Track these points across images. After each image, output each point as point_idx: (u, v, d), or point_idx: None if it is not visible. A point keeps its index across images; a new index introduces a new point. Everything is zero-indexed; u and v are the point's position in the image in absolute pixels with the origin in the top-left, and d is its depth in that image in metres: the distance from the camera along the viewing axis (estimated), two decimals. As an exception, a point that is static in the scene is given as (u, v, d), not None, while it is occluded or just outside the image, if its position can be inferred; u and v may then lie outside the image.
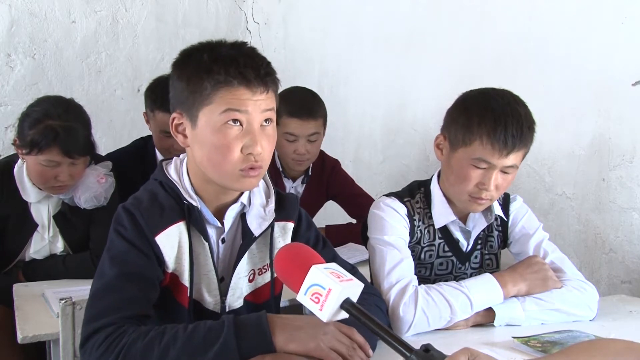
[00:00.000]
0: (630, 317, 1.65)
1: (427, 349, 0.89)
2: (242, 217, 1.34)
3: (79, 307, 1.38)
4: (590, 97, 2.72)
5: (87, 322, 1.18)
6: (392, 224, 1.62)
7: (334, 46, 3.58)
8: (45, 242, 2.22)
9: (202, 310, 1.33)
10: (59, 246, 2.24)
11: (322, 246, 1.44)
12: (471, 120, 1.53)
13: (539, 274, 1.58)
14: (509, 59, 2.96)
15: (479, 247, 1.72)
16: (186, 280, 1.29)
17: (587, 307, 1.57)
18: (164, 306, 1.29)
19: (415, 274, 1.57)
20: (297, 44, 3.56)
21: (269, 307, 1.39)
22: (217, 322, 1.16)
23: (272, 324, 1.16)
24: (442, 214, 1.66)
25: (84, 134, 2.11)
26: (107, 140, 2.99)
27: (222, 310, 1.35)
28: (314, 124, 2.46)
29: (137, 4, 3.16)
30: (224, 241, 1.35)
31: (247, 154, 1.22)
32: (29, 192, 2.15)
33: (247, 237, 1.33)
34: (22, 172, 2.15)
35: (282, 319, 1.19)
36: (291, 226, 1.40)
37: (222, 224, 1.32)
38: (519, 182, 2.89)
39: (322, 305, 0.96)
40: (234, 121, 1.21)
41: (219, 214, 1.33)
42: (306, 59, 3.57)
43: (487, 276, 1.55)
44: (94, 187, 2.17)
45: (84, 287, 1.65)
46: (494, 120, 1.50)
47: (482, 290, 1.51)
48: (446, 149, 1.61)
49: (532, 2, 2.91)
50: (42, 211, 2.20)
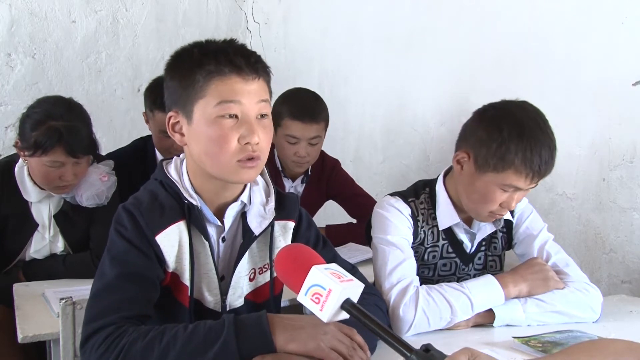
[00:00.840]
0: (630, 317, 1.65)
1: (427, 349, 0.89)
2: (243, 215, 1.34)
3: (79, 306, 1.38)
4: (590, 97, 2.72)
5: (88, 322, 1.18)
6: (395, 224, 1.62)
7: (334, 46, 3.58)
8: (45, 241, 2.22)
9: (203, 309, 1.33)
10: (60, 246, 2.24)
11: (322, 246, 1.44)
12: (507, 148, 1.48)
13: (539, 275, 1.57)
14: (509, 59, 2.95)
15: (482, 248, 1.72)
16: (187, 279, 1.29)
17: (590, 309, 1.56)
18: (164, 305, 1.29)
19: (418, 275, 1.57)
20: (297, 44, 3.56)
21: (269, 306, 1.39)
22: (217, 322, 1.16)
23: (273, 324, 1.15)
24: (446, 215, 1.66)
25: (87, 133, 2.11)
26: (107, 140, 2.98)
27: (223, 309, 1.34)
28: (315, 127, 2.45)
29: (137, 4, 3.16)
30: (224, 240, 1.35)
31: (245, 144, 1.22)
32: (30, 191, 2.16)
33: (248, 236, 1.33)
34: (22, 171, 2.15)
35: (282, 319, 1.19)
36: (292, 225, 1.40)
37: (222, 222, 1.32)
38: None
39: (323, 305, 0.96)
40: (230, 115, 1.22)
41: (219, 213, 1.33)
42: (306, 59, 3.57)
43: (488, 277, 1.55)
44: (96, 185, 2.17)
45: (84, 287, 1.65)
46: (531, 150, 1.47)
47: (483, 291, 1.51)
48: (470, 169, 1.57)
49: (532, 2, 2.91)
50: (42, 211, 2.20)
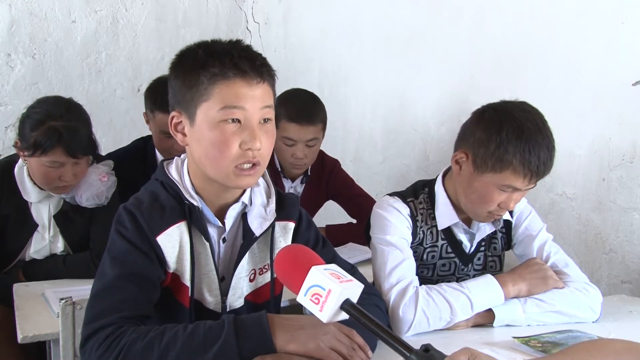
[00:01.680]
0: (630, 317, 1.66)
1: (427, 349, 0.89)
2: (243, 216, 1.34)
3: (79, 307, 1.38)
4: (590, 97, 2.72)
5: (88, 322, 1.18)
6: (394, 224, 1.62)
7: (334, 46, 3.58)
8: (45, 242, 2.22)
9: (203, 310, 1.33)
10: (59, 246, 2.24)
11: (322, 246, 1.44)
12: (505, 149, 1.49)
13: (538, 274, 1.58)
14: (509, 59, 2.95)
15: (482, 248, 1.72)
16: (187, 280, 1.29)
17: (590, 309, 1.56)
18: (165, 306, 1.29)
19: (417, 275, 1.57)
20: (297, 44, 3.56)
21: (270, 307, 1.39)
22: (217, 322, 1.16)
23: (272, 324, 1.16)
24: (445, 215, 1.66)
25: (86, 133, 2.11)
26: (107, 140, 2.98)
27: (223, 310, 1.35)
28: (313, 129, 2.44)
29: (137, 4, 3.16)
30: (224, 241, 1.35)
31: (246, 150, 1.22)
32: (30, 192, 2.16)
33: (248, 237, 1.33)
34: (22, 172, 2.15)
35: (282, 319, 1.19)
36: (292, 226, 1.40)
37: (223, 223, 1.32)
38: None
39: (322, 306, 0.96)
40: (232, 120, 1.21)
41: (220, 214, 1.33)
42: (306, 59, 3.57)
43: (488, 277, 1.55)
44: (96, 185, 2.17)
45: (84, 287, 1.66)
46: (529, 151, 1.47)
47: (482, 291, 1.51)
48: (468, 169, 1.57)
49: (532, 2, 2.91)
50: (42, 211, 2.20)
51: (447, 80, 3.23)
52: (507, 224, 1.72)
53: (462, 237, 1.69)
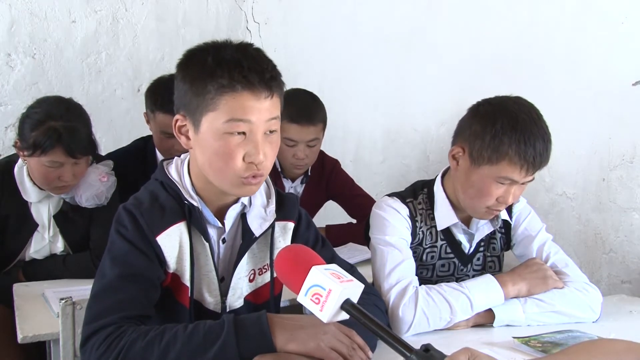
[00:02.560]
0: (630, 317, 1.66)
1: (427, 349, 0.89)
2: (243, 217, 1.34)
3: (79, 307, 1.38)
4: (590, 97, 2.72)
5: (88, 322, 1.18)
6: (393, 224, 1.62)
7: (334, 46, 3.58)
8: (45, 242, 2.22)
9: (203, 310, 1.33)
10: (59, 246, 2.24)
11: (321, 246, 1.44)
12: (500, 140, 1.49)
13: (538, 274, 1.58)
14: (509, 59, 2.96)
15: (481, 249, 1.72)
16: (187, 280, 1.29)
17: (590, 309, 1.56)
18: (165, 306, 1.29)
19: (416, 275, 1.57)
20: (297, 44, 3.56)
21: (269, 307, 1.39)
22: (217, 322, 1.16)
23: (272, 324, 1.16)
24: (444, 216, 1.66)
25: (86, 133, 2.11)
26: (107, 140, 2.98)
27: (223, 310, 1.35)
28: (313, 129, 2.44)
29: (137, 4, 3.16)
30: (224, 241, 1.35)
31: (249, 163, 1.22)
32: (30, 192, 2.16)
33: (248, 237, 1.33)
34: (22, 172, 2.15)
35: (282, 319, 1.19)
36: (291, 226, 1.40)
37: (222, 224, 1.32)
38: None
39: (323, 306, 0.96)
40: (238, 133, 1.21)
41: (220, 214, 1.33)
42: (306, 59, 3.56)
43: (488, 277, 1.55)
44: (95, 186, 2.17)
45: (84, 287, 1.66)
46: (525, 141, 1.47)
47: (482, 291, 1.51)
48: (465, 163, 1.57)
49: (532, 2, 2.91)
50: (42, 211, 2.20)
51: (447, 80, 3.23)
52: (507, 224, 1.72)
53: (461, 237, 1.69)
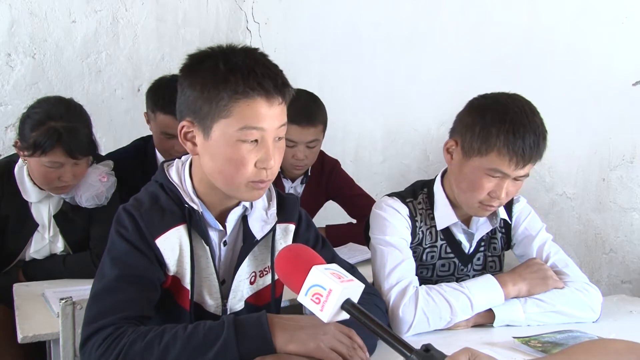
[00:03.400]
0: (630, 317, 1.66)
1: (427, 349, 0.89)
2: (244, 219, 1.34)
3: (79, 307, 1.38)
4: (590, 97, 2.71)
5: (87, 323, 1.18)
6: (393, 224, 1.62)
7: (334, 46, 3.58)
8: (45, 241, 2.22)
9: (204, 312, 1.33)
10: (59, 246, 2.24)
11: (322, 246, 1.44)
12: (489, 130, 1.49)
13: (538, 274, 1.58)
14: (509, 59, 2.95)
15: (481, 249, 1.72)
16: (187, 283, 1.29)
17: (590, 309, 1.56)
18: (165, 308, 1.29)
19: (417, 275, 1.57)
20: (297, 44, 3.56)
21: (270, 309, 1.38)
22: (217, 323, 1.16)
23: (272, 324, 1.16)
24: (444, 215, 1.66)
25: (86, 133, 2.11)
26: (107, 140, 2.99)
27: (224, 312, 1.34)
28: (313, 130, 2.44)
29: (137, 4, 3.16)
30: (225, 244, 1.34)
31: (261, 168, 1.23)
32: (30, 192, 2.16)
33: (249, 240, 1.33)
34: (22, 172, 2.16)
35: (282, 319, 1.19)
36: (292, 228, 1.40)
37: (224, 227, 1.32)
38: (519, 182, 2.88)
39: (323, 305, 0.96)
40: (251, 140, 1.21)
41: (221, 217, 1.32)
42: (306, 59, 3.56)
43: (488, 277, 1.55)
44: (95, 186, 2.18)
45: (84, 287, 1.66)
46: (513, 132, 1.47)
47: (482, 291, 1.51)
48: (458, 156, 1.58)
49: (532, 2, 2.90)
50: (42, 211, 2.20)
51: (447, 80, 3.23)
52: (507, 224, 1.72)
53: (461, 237, 1.69)
